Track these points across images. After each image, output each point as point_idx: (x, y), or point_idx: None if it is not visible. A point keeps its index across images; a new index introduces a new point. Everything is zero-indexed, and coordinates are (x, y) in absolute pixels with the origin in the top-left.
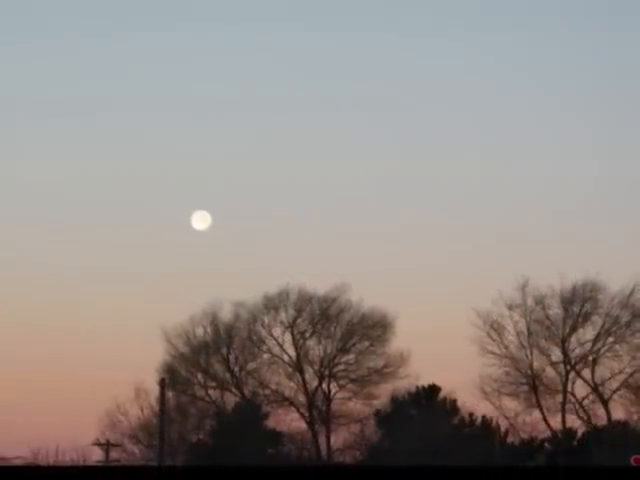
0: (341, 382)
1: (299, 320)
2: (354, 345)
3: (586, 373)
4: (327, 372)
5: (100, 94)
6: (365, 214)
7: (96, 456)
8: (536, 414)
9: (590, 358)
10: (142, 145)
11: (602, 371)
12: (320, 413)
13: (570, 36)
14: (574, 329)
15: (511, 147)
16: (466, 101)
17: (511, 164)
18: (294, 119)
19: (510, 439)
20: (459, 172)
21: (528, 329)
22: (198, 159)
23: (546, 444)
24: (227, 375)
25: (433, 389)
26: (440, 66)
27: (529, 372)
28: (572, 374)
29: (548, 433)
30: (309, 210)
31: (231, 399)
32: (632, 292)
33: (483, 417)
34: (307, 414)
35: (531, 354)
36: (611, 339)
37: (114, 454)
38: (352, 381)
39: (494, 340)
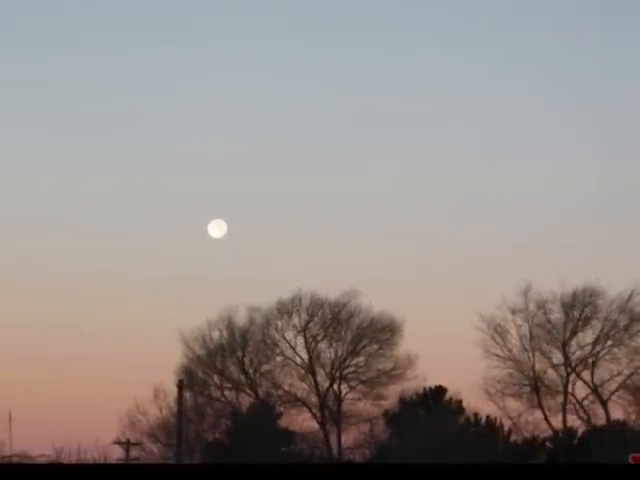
0: (351, 383)
1: (311, 324)
2: (364, 348)
3: (586, 375)
4: (338, 374)
5: (118, 107)
6: (374, 224)
7: (116, 454)
8: (538, 414)
9: (590, 360)
10: (160, 157)
11: (601, 373)
12: (331, 413)
13: (568, 39)
14: (574, 333)
15: (512, 150)
16: (465, 107)
17: (512, 168)
18: (307, 134)
19: (513, 438)
20: (463, 183)
21: (530, 333)
22: (214, 170)
23: (547, 443)
24: (242, 377)
25: (439, 390)
26: (441, 72)
27: (531, 374)
28: (572, 376)
29: (549, 432)
30: (321, 220)
31: (246, 400)
32: (630, 297)
33: (487, 417)
34: (319, 414)
35: (533, 357)
36: (610, 342)
37: (134, 453)
38: (362, 382)
39: (498, 343)
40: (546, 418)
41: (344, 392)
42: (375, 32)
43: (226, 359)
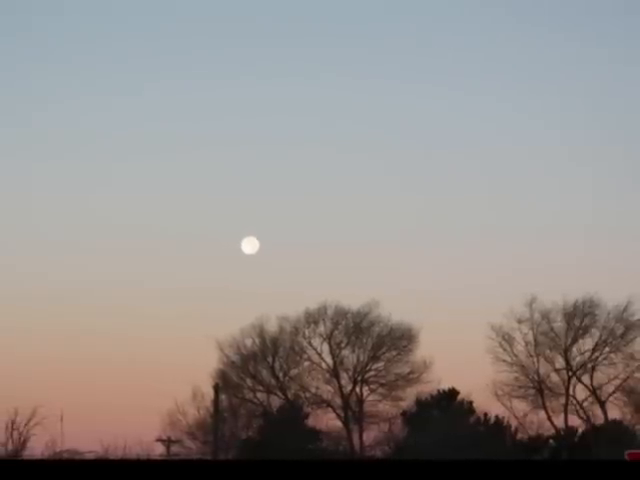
0: (372, 386)
1: (335, 332)
2: (383, 354)
3: (586, 378)
4: (360, 378)
5: (155, 131)
6: (394, 242)
7: (158, 451)
8: (542, 414)
9: (589, 365)
10: (198, 183)
11: (600, 377)
12: (354, 413)
13: (569, 76)
14: (575, 340)
15: (518, 180)
16: (475, 142)
17: (518, 195)
18: (335, 160)
19: (519, 436)
20: (475, 207)
21: (535, 340)
22: (247, 193)
23: (551, 441)
24: (273, 380)
25: (452, 392)
26: (449, 110)
27: (536, 377)
28: (573, 379)
29: (552, 431)
30: (345, 237)
31: (276, 401)
32: (626, 308)
33: (496, 417)
34: (342, 414)
35: (538, 362)
36: (607, 349)
37: (174, 449)
38: (382, 385)
39: (505, 350)
40: (549, 418)
41: (365, 394)
42: (387, 80)
43: (258, 364)
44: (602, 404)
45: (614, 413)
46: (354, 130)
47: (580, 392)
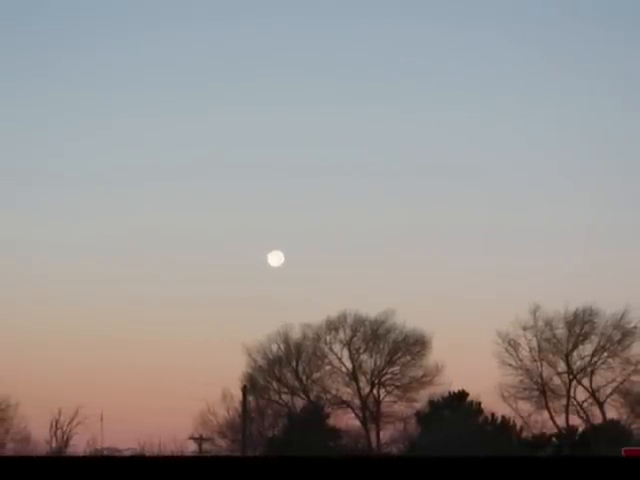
0: (388, 388)
1: (354, 339)
2: (399, 359)
3: (585, 381)
4: (377, 380)
5: (187, 158)
6: (408, 254)
7: (191, 448)
8: (545, 414)
9: (589, 369)
10: (230, 205)
11: (599, 379)
12: (371, 414)
13: (566, 102)
14: (576, 346)
15: (522, 195)
16: (484, 161)
17: (522, 209)
18: (352, 181)
19: (524, 434)
20: (483, 221)
21: (539, 346)
22: (273, 211)
23: (553, 439)
24: (296, 383)
25: (462, 394)
26: (454, 134)
27: (539, 380)
28: (574, 382)
29: (555, 430)
30: (362, 251)
31: (300, 402)
32: (622, 316)
33: (502, 417)
34: (361, 414)
35: (541, 366)
36: (606, 354)
37: (205, 447)
38: (397, 388)
39: (511, 355)
40: (552, 418)
41: (382, 396)
42: (395, 96)
43: (283, 368)
44: (601, 405)
45: (612, 413)
46: (365, 150)
47: (580, 394)
